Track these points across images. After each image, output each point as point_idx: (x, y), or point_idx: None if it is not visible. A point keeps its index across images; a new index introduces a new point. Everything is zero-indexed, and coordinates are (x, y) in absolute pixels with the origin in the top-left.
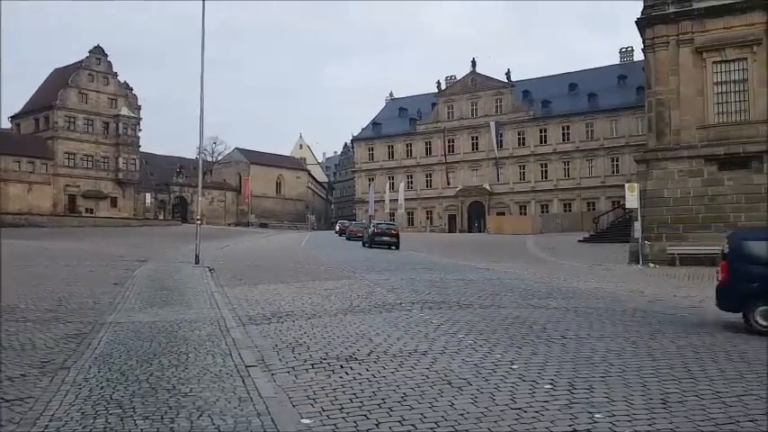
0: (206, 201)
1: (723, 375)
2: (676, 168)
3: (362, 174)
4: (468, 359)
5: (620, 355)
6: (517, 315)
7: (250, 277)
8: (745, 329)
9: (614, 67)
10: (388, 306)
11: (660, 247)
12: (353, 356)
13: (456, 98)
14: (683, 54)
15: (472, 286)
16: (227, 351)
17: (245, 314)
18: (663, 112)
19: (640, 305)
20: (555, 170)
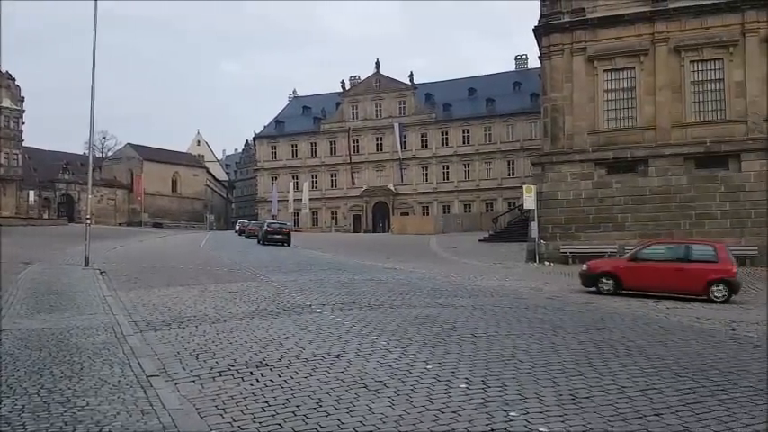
0: (95, 199)
1: (625, 370)
2: (569, 171)
3: (265, 172)
4: (382, 361)
5: (527, 352)
6: (427, 314)
7: (146, 280)
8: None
9: (510, 74)
10: (297, 308)
11: (555, 246)
12: (264, 362)
13: (360, 98)
14: (576, 62)
15: (381, 286)
16: (126, 360)
17: (142, 320)
18: (557, 117)
19: (541, 302)
20: (456, 172)
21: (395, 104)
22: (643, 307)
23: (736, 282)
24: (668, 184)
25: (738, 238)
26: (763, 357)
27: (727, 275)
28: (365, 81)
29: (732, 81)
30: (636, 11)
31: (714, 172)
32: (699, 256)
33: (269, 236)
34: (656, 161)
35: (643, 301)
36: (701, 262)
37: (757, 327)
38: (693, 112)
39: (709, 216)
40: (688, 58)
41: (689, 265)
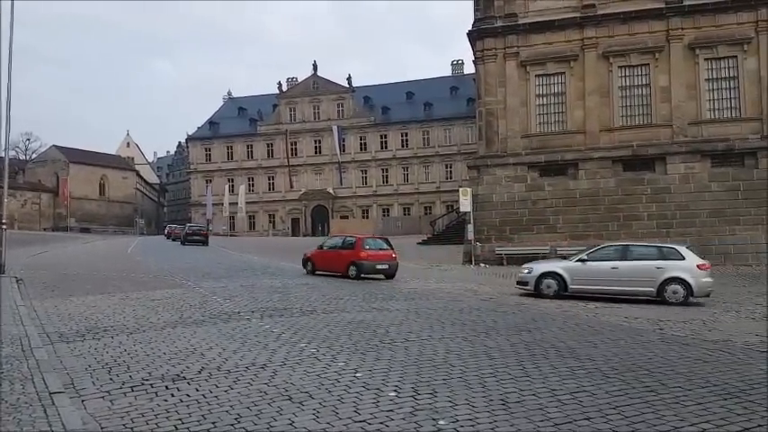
0: (18, 203)
1: (556, 372)
2: (504, 174)
3: (199, 175)
4: (310, 370)
5: (459, 356)
6: (361, 319)
7: (65, 288)
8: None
9: (447, 79)
10: (224, 316)
11: (490, 247)
12: (181, 375)
13: (298, 100)
14: (509, 67)
15: (316, 291)
16: (29, 375)
17: (54, 330)
18: (492, 121)
19: (475, 304)
20: (395, 175)
21: (333, 107)
22: (573, 307)
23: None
24: (597, 186)
25: (664, 238)
26: (691, 356)
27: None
28: (302, 83)
29: (658, 86)
30: (566, 17)
31: (641, 175)
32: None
33: (188, 237)
34: (586, 164)
35: (573, 302)
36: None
37: (683, 325)
38: (621, 117)
39: (636, 218)
40: (616, 64)
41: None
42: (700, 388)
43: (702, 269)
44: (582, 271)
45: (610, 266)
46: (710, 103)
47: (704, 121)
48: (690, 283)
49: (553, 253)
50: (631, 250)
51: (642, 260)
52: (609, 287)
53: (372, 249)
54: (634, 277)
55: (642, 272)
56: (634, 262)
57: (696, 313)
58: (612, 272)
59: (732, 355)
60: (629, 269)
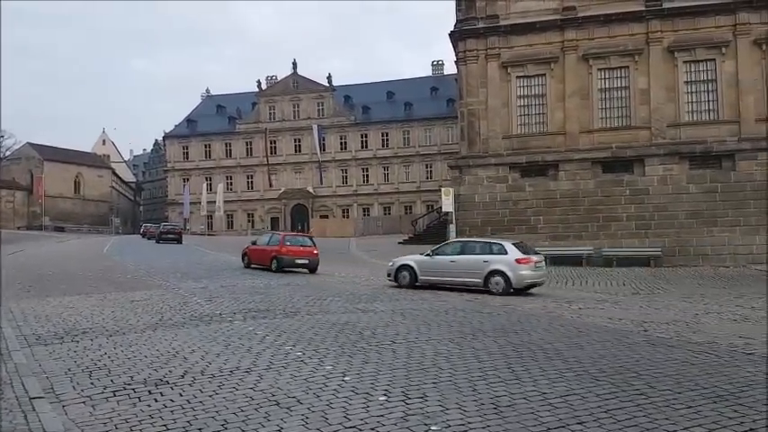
0: None
1: (545, 374)
2: (485, 175)
3: (176, 173)
4: (297, 374)
5: (448, 359)
6: (346, 321)
7: (41, 288)
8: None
9: (428, 79)
10: (205, 318)
11: None
12: (164, 379)
13: (277, 99)
14: (491, 68)
15: (298, 291)
16: (8, 380)
17: (31, 332)
18: (473, 121)
19: (460, 305)
20: (375, 174)
21: (313, 106)
22: (558, 308)
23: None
24: (577, 187)
25: (643, 239)
26: (678, 359)
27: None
28: (282, 81)
29: (637, 88)
30: (547, 19)
31: (620, 176)
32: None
33: (163, 235)
34: (566, 165)
35: (558, 302)
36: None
37: (667, 327)
38: (601, 119)
39: (615, 218)
40: (596, 66)
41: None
42: (689, 391)
43: (521, 263)
44: (428, 264)
45: (449, 260)
46: (689, 106)
47: (683, 124)
48: (509, 276)
49: None
50: (468, 246)
51: (474, 254)
52: (448, 278)
53: (293, 245)
54: (467, 269)
55: (473, 265)
56: (468, 256)
57: (668, 314)
58: (451, 264)
59: (719, 358)
60: (464, 262)
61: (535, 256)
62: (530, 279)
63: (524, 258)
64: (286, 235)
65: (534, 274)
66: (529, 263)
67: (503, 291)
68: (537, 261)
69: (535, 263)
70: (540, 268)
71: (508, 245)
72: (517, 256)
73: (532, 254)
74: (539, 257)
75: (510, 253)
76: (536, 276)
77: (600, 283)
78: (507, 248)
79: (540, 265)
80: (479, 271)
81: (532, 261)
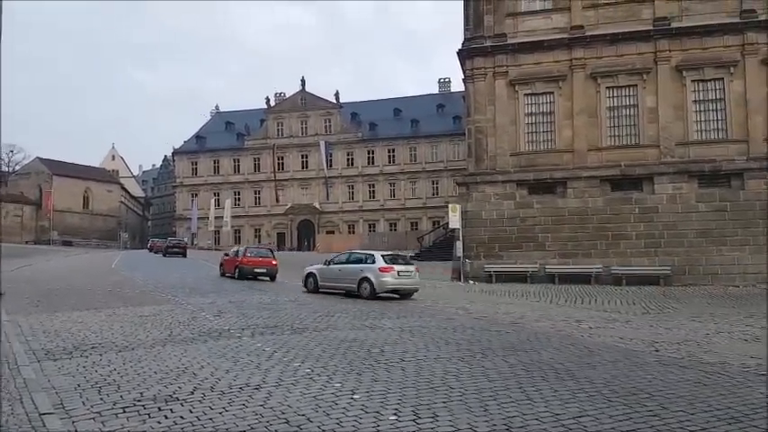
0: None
1: (557, 395)
2: (493, 191)
3: (184, 189)
4: (306, 391)
5: (458, 377)
6: (354, 337)
7: (50, 303)
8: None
9: (434, 96)
10: (214, 333)
11: (479, 264)
12: (174, 395)
13: (286, 115)
14: (498, 85)
15: (305, 308)
16: (17, 395)
17: (41, 347)
18: (481, 139)
19: (467, 322)
20: (382, 191)
21: (321, 122)
22: (567, 327)
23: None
24: (585, 205)
25: (653, 257)
26: (690, 379)
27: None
28: (290, 98)
29: (646, 107)
30: (555, 37)
31: (629, 194)
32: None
33: (169, 249)
34: (574, 183)
35: (566, 321)
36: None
37: (679, 346)
38: (609, 137)
39: (624, 237)
40: (604, 85)
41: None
42: (702, 412)
43: (384, 272)
44: (325, 272)
45: (338, 269)
46: (698, 125)
47: (691, 142)
48: (373, 282)
49: (542, 271)
50: (352, 256)
51: (353, 264)
52: (336, 284)
53: (253, 257)
54: (347, 276)
55: (351, 273)
56: (350, 265)
57: (679, 334)
58: (339, 273)
59: (731, 378)
60: (346, 271)
61: (400, 267)
62: (392, 285)
63: (387, 267)
64: (248, 247)
65: (397, 281)
66: (391, 271)
67: (369, 295)
68: (401, 270)
69: (398, 272)
70: (408, 277)
71: (378, 256)
72: (381, 265)
73: (401, 264)
74: (405, 268)
75: (376, 263)
76: (401, 284)
77: (609, 301)
78: (376, 259)
79: (406, 274)
80: (355, 278)
81: (395, 270)
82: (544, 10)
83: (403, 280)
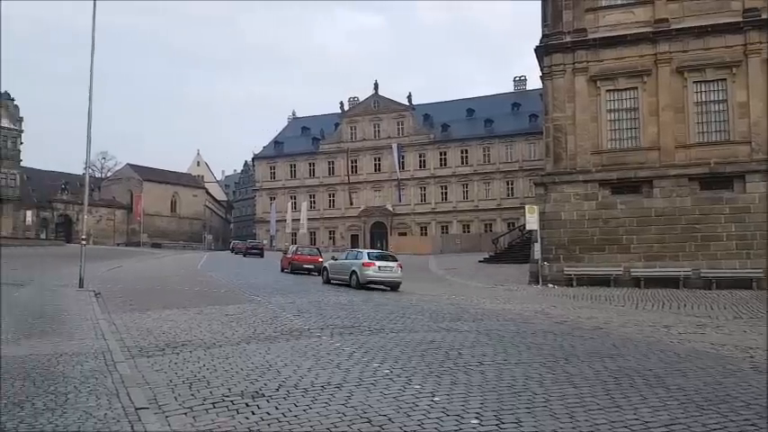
0: (94, 219)
1: (646, 402)
2: (572, 192)
3: (263, 193)
4: (386, 392)
5: (541, 383)
6: (431, 340)
7: (142, 302)
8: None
9: (509, 95)
10: (295, 332)
11: (558, 267)
12: (260, 392)
13: (359, 119)
14: (578, 82)
15: (381, 309)
16: (114, 390)
17: (134, 345)
18: (560, 137)
19: (549, 327)
20: (454, 192)
21: (393, 125)
22: (655, 332)
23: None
24: (673, 205)
25: (744, 260)
26: None
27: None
28: (364, 102)
29: (735, 102)
30: (637, 31)
31: (718, 193)
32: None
33: (249, 250)
34: (661, 182)
35: (654, 326)
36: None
37: None
38: (697, 133)
39: (714, 238)
40: (691, 79)
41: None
42: None
43: (366, 266)
44: (333, 266)
45: (339, 264)
46: None
47: None
48: (357, 274)
49: (627, 274)
50: (351, 253)
51: (349, 260)
52: (338, 276)
53: (303, 255)
54: (344, 270)
55: (346, 267)
56: (347, 261)
57: None
58: (340, 267)
59: None
60: (344, 265)
61: (381, 263)
62: (372, 278)
63: (369, 263)
64: (299, 247)
65: (378, 274)
66: (372, 266)
67: (355, 285)
68: (382, 266)
69: (379, 267)
70: (388, 271)
71: (364, 253)
72: (365, 261)
73: (383, 261)
74: (386, 264)
75: (362, 258)
76: (380, 276)
77: (699, 306)
78: (363, 255)
79: (386, 269)
80: (347, 271)
81: (376, 265)
82: (626, 4)
83: (382, 273)
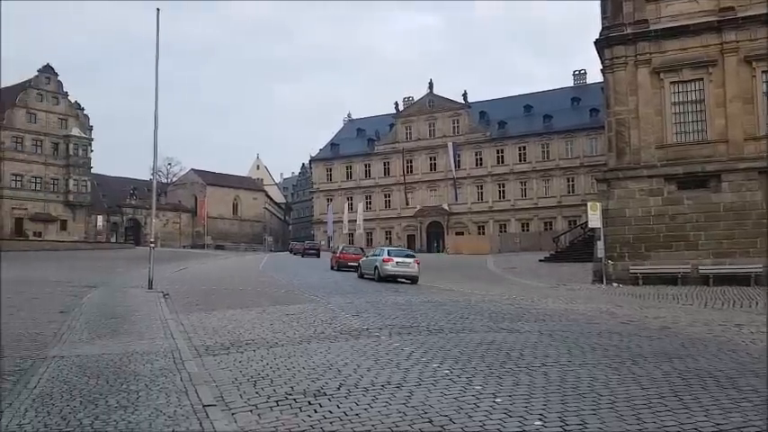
0: (160, 223)
1: (717, 404)
2: (637, 187)
3: (321, 194)
4: (446, 392)
5: (606, 384)
6: (491, 340)
7: (207, 302)
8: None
9: (568, 90)
10: (354, 332)
11: (623, 266)
12: (322, 391)
13: (414, 119)
14: (641, 74)
15: (440, 309)
16: (183, 388)
17: (201, 344)
18: (622, 131)
19: (614, 327)
20: (512, 190)
21: (448, 124)
22: (725, 332)
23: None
24: (743, 199)
25: None
26: None
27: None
28: (418, 102)
29: None
30: (702, 21)
31: None
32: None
33: (306, 251)
34: (729, 176)
35: (725, 326)
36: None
37: None
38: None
39: None
40: (760, 69)
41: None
42: None
43: (385, 262)
44: (364, 262)
45: (368, 260)
46: None
47: None
48: (378, 269)
49: (695, 272)
50: (375, 251)
51: (375, 256)
52: (367, 271)
53: (347, 254)
54: (371, 265)
55: (372, 262)
56: (373, 257)
57: None
58: (368, 262)
59: None
60: (371, 261)
61: (399, 259)
62: (391, 272)
63: (388, 259)
64: (344, 247)
65: (395, 269)
66: (390, 262)
67: (377, 278)
68: (400, 261)
69: (397, 262)
70: (405, 266)
71: (385, 250)
72: (384, 257)
73: (401, 257)
74: (404, 260)
75: (382, 255)
76: (397, 271)
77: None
78: (383, 252)
79: (403, 264)
80: (372, 266)
81: (393, 261)
82: None
83: (400, 268)
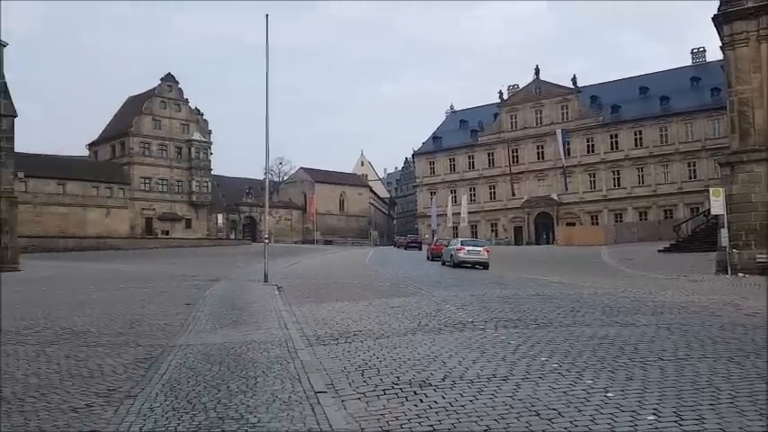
0: (273, 220)
1: None
2: (764, 171)
3: (424, 188)
4: (555, 386)
5: (727, 378)
6: (604, 334)
7: (317, 295)
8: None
9: (686, 69)
10: (459, 325)
11: (749, 255)
12: (427, 381)
13: (519, 107)
14: (764, 50)
15: (549, 302)
16: (296, 375)
17: (312, 334)
18: (746, 111)
19: (738, 319)
20: (628, 177)
21: (556, 110)
22: None
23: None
24: None
25: None
26: None
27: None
28: (524, 89)
29: None
30: None
31: None
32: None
33: (409, 244)
34: None
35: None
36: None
37: None
38: None
39: None
40: None
41: None
42: None
43: (458, 251)
44: (444, 252)
45: (446, 250)
46: None
47: None
48: (453, 256)
49: None
50: (452, 241)
51: (450, 246)
52: (446, 259)
53: (440, 245)
54: (448, 254)
55: (449, 252)
56: (449, 247)
57: None
58: (446, 252)
59: None
60: (448, 250)
61: (469, 247)
62: (463, 259)
63: (459, 248)
64: (438, 239)
65: (466, 256)
66: (462, 250)
67: (452, 264)
68: (471, 250)
69: (468, 251)
70: (476, 254)
71: (457, 240)
72: (457, 246)
73: (470, 246)
74: (474, 248)
75: (456, 245)
76: (468, 258)
77: None
78: (455, 242)
79: (474, 252)
80: (449, 254)
81: (465, 249)
82: None
83: (470, 256)
